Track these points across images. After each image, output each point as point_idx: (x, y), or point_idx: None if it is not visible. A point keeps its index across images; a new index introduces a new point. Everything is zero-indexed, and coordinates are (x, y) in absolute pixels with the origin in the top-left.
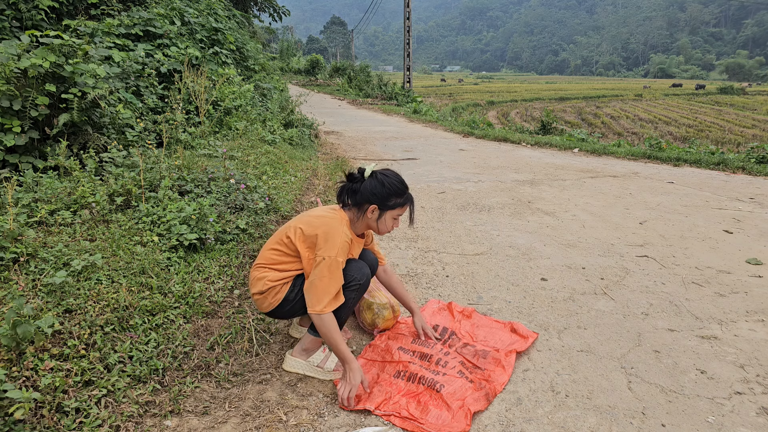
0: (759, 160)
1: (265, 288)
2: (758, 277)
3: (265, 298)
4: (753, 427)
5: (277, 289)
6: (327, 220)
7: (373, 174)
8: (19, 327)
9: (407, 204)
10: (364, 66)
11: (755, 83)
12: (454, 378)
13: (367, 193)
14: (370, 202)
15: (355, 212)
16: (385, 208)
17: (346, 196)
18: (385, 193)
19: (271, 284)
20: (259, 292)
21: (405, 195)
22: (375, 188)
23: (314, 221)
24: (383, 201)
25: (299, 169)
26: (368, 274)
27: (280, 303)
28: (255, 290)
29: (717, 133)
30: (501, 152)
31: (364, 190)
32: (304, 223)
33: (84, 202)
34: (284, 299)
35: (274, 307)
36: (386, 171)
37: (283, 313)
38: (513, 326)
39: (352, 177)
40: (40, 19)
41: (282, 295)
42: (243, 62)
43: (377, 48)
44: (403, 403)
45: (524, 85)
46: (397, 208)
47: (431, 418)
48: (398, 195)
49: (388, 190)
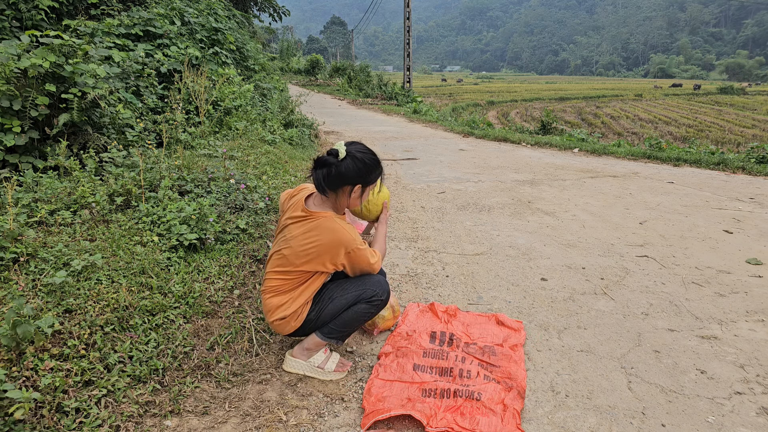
0: (759, 160)
1: (287, 314)
2: (758, 277)
3: (288, 323)
4: (753, 427)
5: (299, 312)
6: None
7: (348, 154)
8: (19, 327)
9: (381, 173)
10: (364, 66)
11: (755, 83)
12: (483, 384)
13: (351, 174)
14: (354, 183)
15: (333, 198)
16: (366, 184)
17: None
18: (366, 170)
19: (292, 310)
20: (281, 318)
21: (380, 166)
22: (357, 166)
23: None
24: (366, 178)
25: (299, 169)
26: (389, 291)
27: (302, 324)
28: (275, 317)
29: (717, 133)
30: (501, 152)
31: (347, 172)
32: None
33: (84, 202)
34: (306, 320)
35: (297, 328)
36: (357, 147)
37: (305, 332)
38: (498, 318)
39: (326, 162)
40: (40, 19)
41: (304, 316)
42: (243, 62)
43: (377, 48)
44: (450, 418)
45: (524, 85)
46: (376, 180)
47: (483, 426)
48: (376, 167)
49: (369, 166)
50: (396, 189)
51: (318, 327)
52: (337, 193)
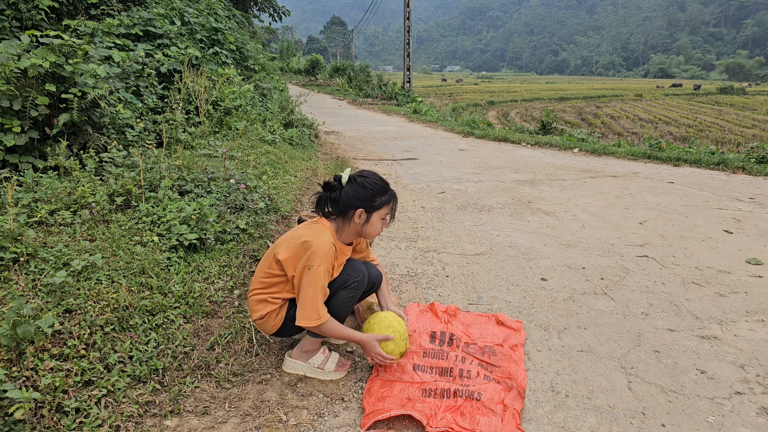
0: (759, 160)
1: (264, 313)
2: (758, 277)
3: (267, 322)
4: (753, 427)
5: (277, 311)
6: (309, 231)
7: (351, 179)
8: (19, 327)
9: (392, 201)
10: (364, 66)
11: (755, 83)
12: (483, 384)
13: (350, 198)
14: (356, 206)
15: (340, 221)
16: (371, 210)
17: (326, 206)
18: (368, 195)
19: (269, 309)
20: (260, 317)
21: (388, 192)
22: (357, 192)
23: (297, 233)
24: (368, 203)
25: (299, 169)
26: (364, 271)
27: (284, 322)
28: (255, 316)
29: (717, 133)
30: (501, 152)
31: (346, 196)
32: (288, 240)
33: (84, 202)
34: (286, 318)
35: (278, 327)
36: (364, 172)
37: (288, 331)
38: (498, 318)
39: (329, 186)
40: (40, 19)
41: (283, 314)
42: (243, 62)
43: (377, 48)
44: (450, 418)
45: (524, 85)
46: (384, 207)
47: (483, 426)
48: (382, 193)
49: (371, 190)
50: (396, 189)
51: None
52: (344, 217)
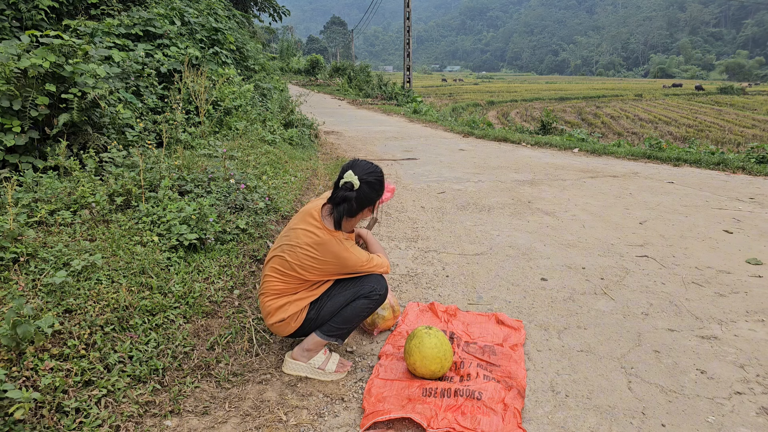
0: (759, 160)
1: (286, 316)
2: (758, 277)
3: (287, 324)
4: (753, 427)
5: (298, 314)
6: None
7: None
8: (19, 327)
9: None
10: (364, 66)
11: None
12: (483, 383)
13: (365, 199)
14: (371, 204)
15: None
16: (377, 201)
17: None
18: (378, 191)
19: (291, 312)
20: (280, 320)
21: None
22: (371, 193)
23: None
24: (378, 196)
25: (299, 169)
26: (387, 286)
27: (302, 324)
28: (275, 320)
29: (717, 133)
30: (501, 152)
31: (363, 198)
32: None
33: (84, 202)
34: (306, 320)
35: (297, 329)
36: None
37: (305, 332)
38: (498, 317)
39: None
40: (40, 19)
41: (303, 317)
42: (243, 62)
43: (377, 48)
44: (451, 418)
45: (524, 85)
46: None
47: (484, 425)
48: (383, 184)
49: (379, 186)
50: (396, 189)
51: (318, 326)
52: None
